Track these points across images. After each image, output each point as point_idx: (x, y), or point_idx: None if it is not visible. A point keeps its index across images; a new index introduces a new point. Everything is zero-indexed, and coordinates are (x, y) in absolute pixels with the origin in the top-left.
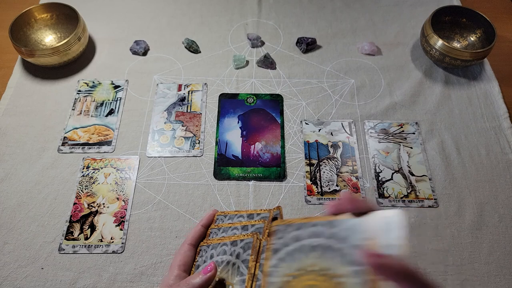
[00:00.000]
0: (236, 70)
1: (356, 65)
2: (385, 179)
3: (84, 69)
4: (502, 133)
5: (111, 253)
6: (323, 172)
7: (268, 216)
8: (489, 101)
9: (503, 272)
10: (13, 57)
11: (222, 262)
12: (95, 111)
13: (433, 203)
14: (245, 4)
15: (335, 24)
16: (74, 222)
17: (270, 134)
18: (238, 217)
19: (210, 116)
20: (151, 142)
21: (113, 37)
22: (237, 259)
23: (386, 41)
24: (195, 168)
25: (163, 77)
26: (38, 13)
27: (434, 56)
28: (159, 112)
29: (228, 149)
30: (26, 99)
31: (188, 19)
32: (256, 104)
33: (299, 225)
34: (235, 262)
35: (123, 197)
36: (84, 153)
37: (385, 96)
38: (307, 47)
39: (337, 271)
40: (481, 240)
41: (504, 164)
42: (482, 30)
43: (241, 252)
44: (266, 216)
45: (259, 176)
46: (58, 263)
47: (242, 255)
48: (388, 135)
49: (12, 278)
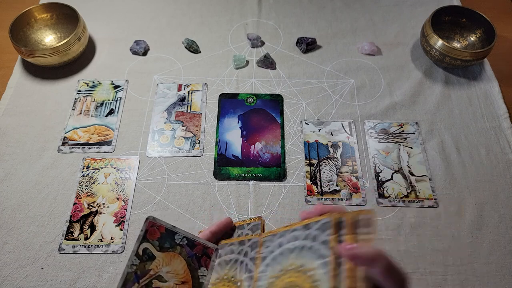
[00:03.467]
0: (236, 70)
1: (356, 65)
2: (385, 179)
3: (84, 69)
4: (502, 133)
5: (111, 253)
6: (323, 172)
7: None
8: (489, 101)
9: (503, 272)
10: (13, 57)
11: (230, 260)
12: (95, 111)
13: (433, 203)
14: (245, 4)
15: (335, 24)
16: (74, 222)
17: (270, 134)
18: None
19: (210, 116)
20: (151, 142)
21: (113, 37)
22: (245, 257)
23: (386, 41)
24: (195, 168)
25: (163, 77)
26: (38, 13)
27: (434, 56)
28: (159, 112)
29: (228, 149)
30: (26, 99)
31: (188, 19)
32: (256, 104)
33: (282, 233)
34: (243, 260)
35: (123, 197)
36: (84, 153)
37: (385, 96)
38: (307, 47)
39: (309, 266)
40: (481, 240)
41: (504, 164)
42: (482, 30)
43: (249, 251)
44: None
45: (259, 176)
46: (58, 263)
47: (250, 253)
48: (388, 135)
49: (12, 278)
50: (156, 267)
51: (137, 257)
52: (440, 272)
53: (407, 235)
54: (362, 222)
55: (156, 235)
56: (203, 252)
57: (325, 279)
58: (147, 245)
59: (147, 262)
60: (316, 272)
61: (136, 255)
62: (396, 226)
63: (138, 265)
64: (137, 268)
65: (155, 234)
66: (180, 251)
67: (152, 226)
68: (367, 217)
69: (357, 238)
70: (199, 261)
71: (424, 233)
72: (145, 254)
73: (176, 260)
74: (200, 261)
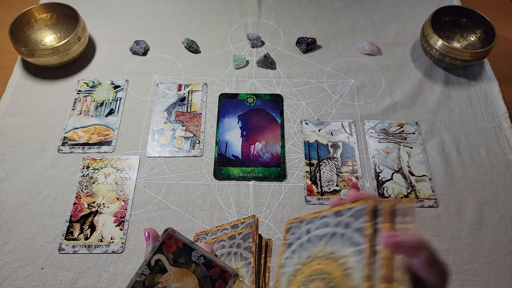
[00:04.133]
0: (236, 70)
1: (356, 65)
2: (385, 179)
3: (84, 69)
4: (502, 133)
5: (111, 253)
6: (323, 172)
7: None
8: (489, 101)
9: (503, 272)
10: (13, 57)
11: (222, 255)
12: (95, 111)
13: (433, 203)
14: (245, 4)
15: (335, 24)
16: (74, 222)
17: (270, 134)
18: (222, 230)
19: (210, 116)
20: (151, 142)
21: (113, 37)
22: (238, 248)
23: (386, 41)
24: (195, 168)
25: (163, 77)
26: (38, 13)
27: (434, 56)
28: (159, 112)
29: (228, 149)
30: (26, 99)
31: (188, 19)
32: (256, 104)
33: (310, 219)
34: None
35: (123, 197)
36: (84, 153)
37: (385, 96)
38: (307, 47)
39: (340, 253)
40: (481, 240)
41: (504, 164)
42: (482, 30)
43: (241, 242)
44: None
45: (259, 176)
46: (58, 263)
47: (243, 244)
48: (388, 135)
49: (12, 278)
50: (166, 281)
51: (148, 267)
52: None
53: None
54: (401, 211)
55: (172, 248)
56: (219, 275)
57: (358, 267)
58: (161, 256)
59: (157, 274)
60: (349, 259)
61: (147, 264)
62: None
63: (147, 275)
64: (146, 278)
65: (172, 247)
66: (195, 270)
67: (170, 239)
68: (406, 206)
69: (395, 227)
70: (214, 284)
71: (424, 233)
72: (157, 266)
73: (188, 278)
74: (214, 284)
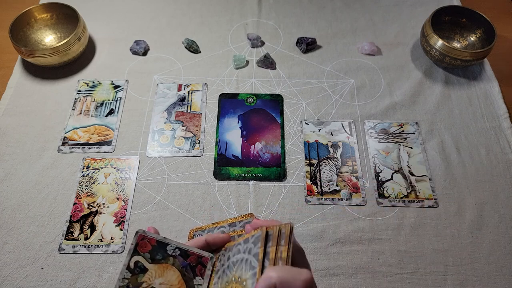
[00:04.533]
0: (236, 70)
1: (356, 65)
2: (385, 179)
3: (84, 69)
4: (502, 133)
5: (111, 253)
6: (323, 172)
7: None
8: (489, 101)
9: (503, 272)
10: (13, 57)
11: (237, 261)
12: (95, 111)
13: (433, 203)
14: (245, 4)
15: (335, 24)
16: (74, 222)
17: (270, 134)
18: (219, 228)
19: (210, 116)
20: (151, 142)
21: (113, 37)
22: (249, 254)
23: (386, 41)
24: (195, 168)
25: (163, 77)
26: (38, 13)
27: (434, 56)
28: (159, 112)
29: (228, 149)
30: (26, 99)
31: (188, 19)
32: (256, 104)
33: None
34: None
35: (123, 197)
36: (84, 153)
37: (385, 96)
38: (307, 47)
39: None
40: (481, 240)
41: (504, 164)
42: (482, 30)
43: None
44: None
45: (259, 176)
46: (58, 263)
47: (253, 249)
48: (388, 135)
49: (12, 278)
50: (149, 279)
51: (128, 270)
52: (440, 272)
53: (407, 235)
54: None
55: (147, 247)
56: (197, 262)
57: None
58: (139, 258)
59: (139, 275)
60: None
61: (127, 268)
62: (396, 226)
63: (130, 278)
64: (129, 282)
65: (146, 247)
66: (173, 262)
67: (143, 239)
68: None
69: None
70: (194, 270)
71: (424, 233)
72: (137, 267)
73: (169, 271)
74: (194, 270)
